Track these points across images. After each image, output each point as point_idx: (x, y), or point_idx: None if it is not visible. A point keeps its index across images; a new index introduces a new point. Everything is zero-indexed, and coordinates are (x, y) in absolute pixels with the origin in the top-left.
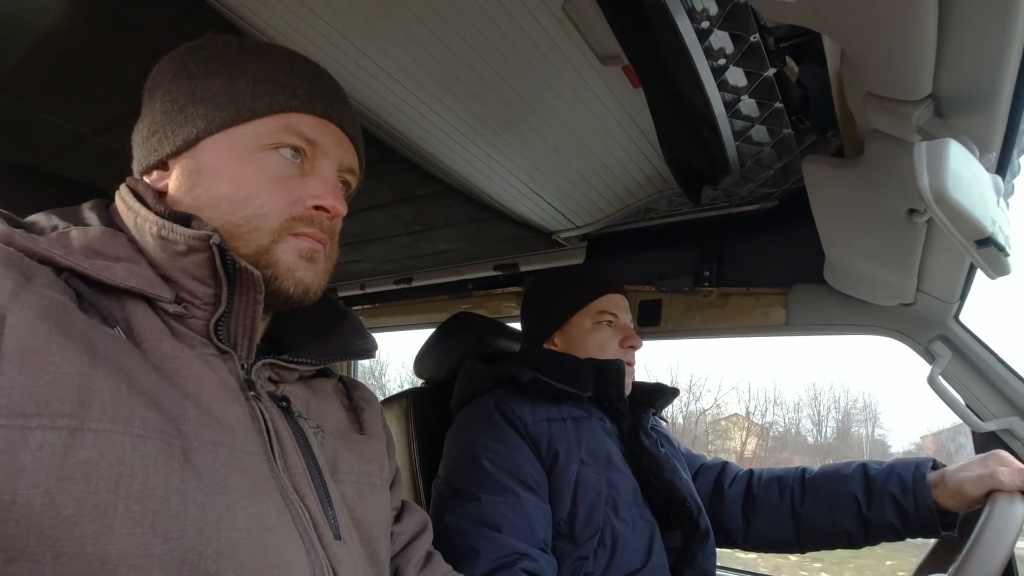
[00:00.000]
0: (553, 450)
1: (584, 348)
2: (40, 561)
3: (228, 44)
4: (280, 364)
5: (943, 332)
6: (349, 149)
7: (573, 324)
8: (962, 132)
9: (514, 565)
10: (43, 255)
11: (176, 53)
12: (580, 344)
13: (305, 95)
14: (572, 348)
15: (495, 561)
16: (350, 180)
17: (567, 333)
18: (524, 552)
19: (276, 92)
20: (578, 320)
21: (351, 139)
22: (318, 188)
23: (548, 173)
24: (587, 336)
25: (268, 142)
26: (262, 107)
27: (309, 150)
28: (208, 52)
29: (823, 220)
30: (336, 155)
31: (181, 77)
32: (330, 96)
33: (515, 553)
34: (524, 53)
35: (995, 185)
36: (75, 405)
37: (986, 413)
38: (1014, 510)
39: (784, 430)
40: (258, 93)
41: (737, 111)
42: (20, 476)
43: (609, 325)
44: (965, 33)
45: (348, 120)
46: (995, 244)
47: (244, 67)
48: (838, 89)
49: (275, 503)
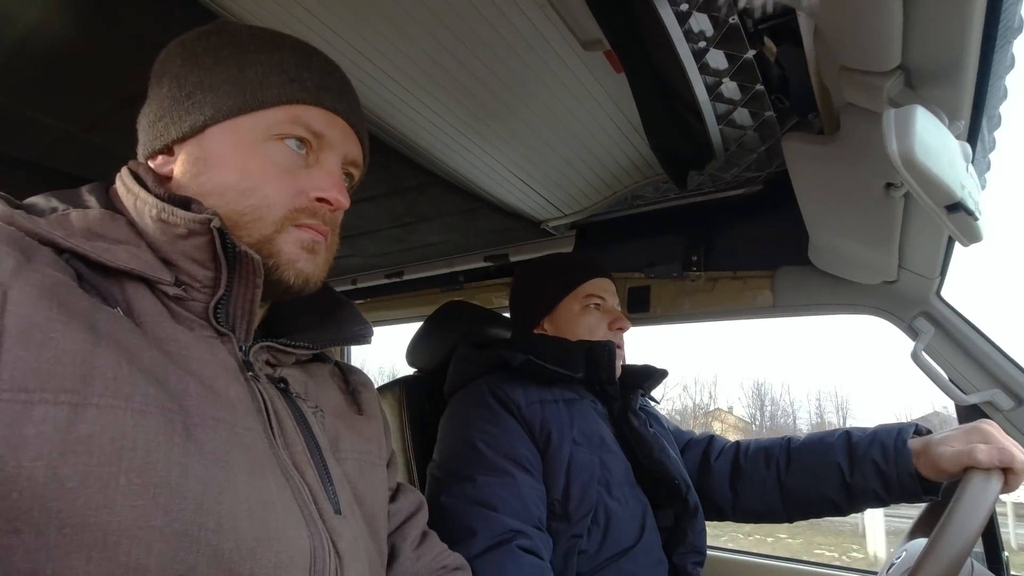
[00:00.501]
0: (546, 431)
1: (573, 332)
2: (43, 532)
3: (238, 32)
4: (277, 347)
5: (925, 308)
6: (355, 142)
7: (562, 309)
8: (931, 101)
9: (510, 542)
10: (44, 236)
11: (186, 38)
12: (569, 328)
13: (314, 88)
14: (562, 332)
15: (492, 539)
16: (353, 172)
17: (556, 318)
18: (519, 530)
19: (285, 84)
20: (566, 304)
21: (357, 132)
22: (322, 180)
23: (536, 162)
24: (576, 320)
25: (275, 132)
26: (271, 98)
27: (315, 142)
28: (218, 39)
29: (804, 198)
30: (342, 148)
31: (190, 63)
32: (339, 90)
33: (510, 531)
34: (509, 42)
35: (964, 152)
36: (77, 381)
37: (968, 387)
38: (988, 490)
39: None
40: (267, 84)
41: (719, 94)
42: (23, 449)
43: (597, 308)
44: (930, 1)
45: (355, 114)
46: (964, 209)
47: (254, 56)
48: (815, 67)
49: (275, 478)
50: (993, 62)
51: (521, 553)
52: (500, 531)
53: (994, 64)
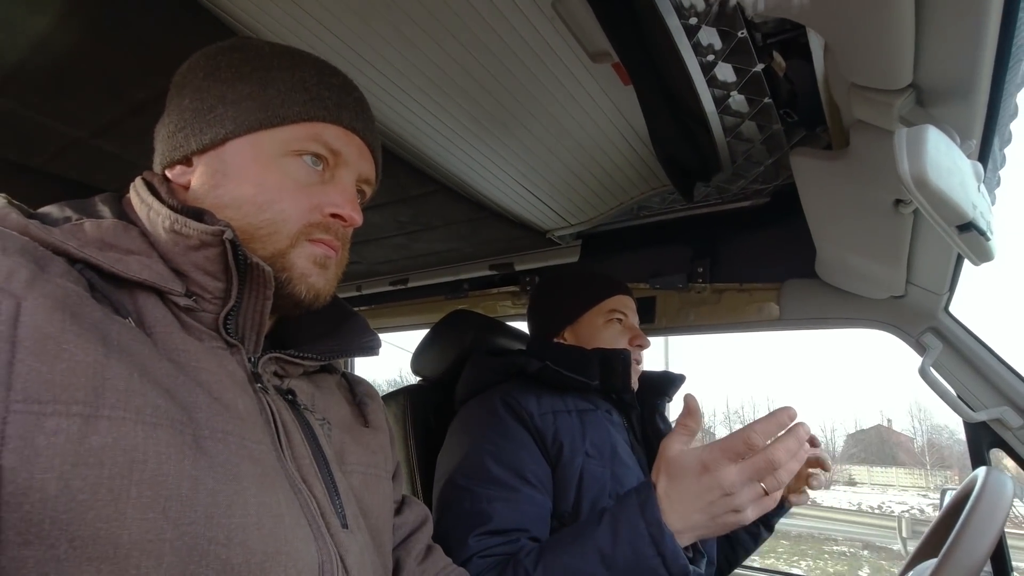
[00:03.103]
0: (558, 442)
1: (594, 343)
2: (54, 545)
3: (261, 49)
4: (285, 358)
5: (933, 324)
6: (369, 160)
7: (584, 321)
8: (943, 120)
9: (488, 550)
10: (57, 246)
11: (209, 51)
12: (590, 340)
13: (334, 107)
14: (582, 343)
15: (471, 553)
16: (366, 190)
17: (578, 329)
18: (508, 539)
19: (306, 101)
20: (590, 317)
21: (372, 151)
22: (337, 197)
23: (542, 172)
24: (598, 332)
25: (293, 148)
26: (291, 114)
27: (332, 159)
28: (241, 55)
29: (812, 212)
30: (357, 166)
31: (212, 77)
32: (357, 108)
33: (494, 544)
34: (517, 53)
35: (975, 171)
36: (89, 393)
37: (977, 404)
38: (1001, 502)
39: None
40: (288, 101)
41: (727, 107)
42: (35, 461)
43: (619, 323)
44: (942, 21)
45: (370, 132)
46: (976, 229)
47: (276, 74)
48: (824, 82)
49: (284, 492)
50: (1006, 80)
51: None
52: (480, 548)
53: (1006, 82)
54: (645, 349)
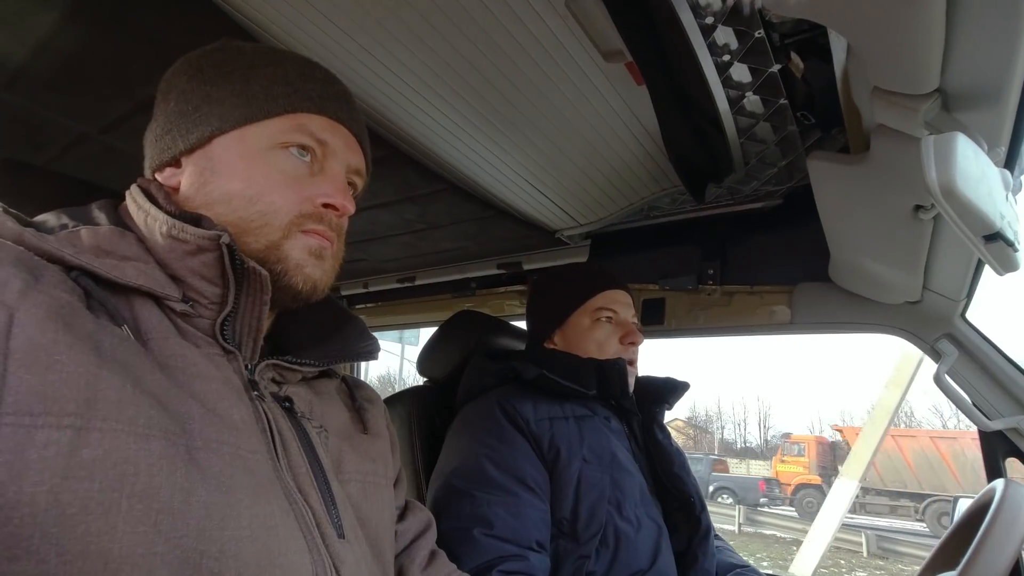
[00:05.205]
0: (555, 448)
1: (583, 347)
2: (44, 560)
3: (242, 49)
4: (283, 365)
5: (949, 330)
6: (357, 151)
7: (571, 323)
8: (970, 126)
9: (492, 568)
10: (53, 254)
11: (191, 56)
12: (579, 343)
13: (317, 98)
14: (571, 347)
15: (479, 561)
16: (356, 182)
17: (566, 332)
18: (509, 554)
19: (289, 94)
20: (576, 319)
21: (359, 142)
22: (327, 187)
23: (551, 171)
24: (586, 334)
25: (279, 141)
26: (275, 108)
27: (319, 150)
28: (223, 56)
29: (828, 217)
30: (345, 156)
31: (196, 79)
32: (340, 100)
33: (499, 556)
34: (528, 51)
35: (1004, 180)
36: (81, 404)
37: (993, 412)
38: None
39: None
40: (271, 95)
41: (741, 108)
42: (26, 474)
43: (608, 322)
44: (974, 26)
45: (357, 123)
46: (1004, 239)
47: (258, 70)
48: (843, 84)
49: (278, 503)
50: None
51: None
52: (489, 555)
53: None
54: (638, 345)
